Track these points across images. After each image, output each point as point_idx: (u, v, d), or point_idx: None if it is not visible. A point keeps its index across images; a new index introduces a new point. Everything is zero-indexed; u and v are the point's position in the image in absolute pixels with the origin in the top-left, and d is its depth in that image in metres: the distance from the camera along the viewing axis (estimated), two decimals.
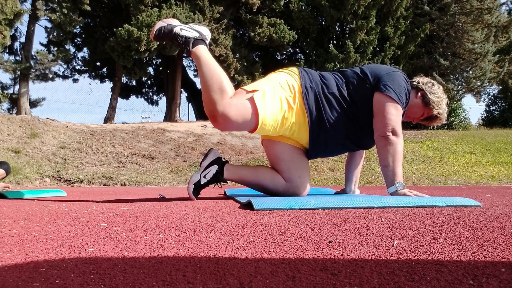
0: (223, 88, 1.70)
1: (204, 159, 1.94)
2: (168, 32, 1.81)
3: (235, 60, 10.82)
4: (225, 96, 1.69)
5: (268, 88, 1.77)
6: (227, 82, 1.73)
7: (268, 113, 1.72)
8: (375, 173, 5.89)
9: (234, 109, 1.68)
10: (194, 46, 1.79)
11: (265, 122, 1.72)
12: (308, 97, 1.78)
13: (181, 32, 1.80)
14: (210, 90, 1.69)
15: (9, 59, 10.39)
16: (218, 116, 1.68)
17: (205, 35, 1.86)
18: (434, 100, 1.90)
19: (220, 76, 1.73)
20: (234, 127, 1.74)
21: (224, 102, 1.68)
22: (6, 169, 2.75)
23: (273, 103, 1.74)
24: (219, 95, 1.68)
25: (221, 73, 1.75)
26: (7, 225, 1.06)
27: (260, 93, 1.73)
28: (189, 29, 1.83)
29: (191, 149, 7.35)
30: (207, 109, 1.72)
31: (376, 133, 1.79)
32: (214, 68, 1.75)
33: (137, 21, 9.15)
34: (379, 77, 1.82)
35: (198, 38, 1.81)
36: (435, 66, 11.95)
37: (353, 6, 11.02)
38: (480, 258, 0.62)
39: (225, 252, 0.69)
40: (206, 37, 1.86)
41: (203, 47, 1.81)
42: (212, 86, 1.70)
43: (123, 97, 13.81)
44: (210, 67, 1.75)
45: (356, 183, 2.19)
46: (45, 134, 7.00)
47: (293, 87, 1.79)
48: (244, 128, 1.76)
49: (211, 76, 1.72)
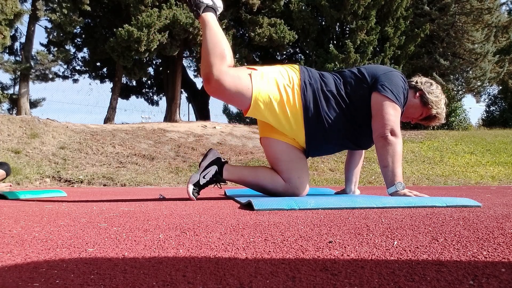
0: (223, 55, 1.73)
1: (204, 160, 1.94)
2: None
3: (235, 60, 10.81)
4: (224, 63, 1.72)
5: (267, 71, 1.81)
6: (228, 51, 1.76)
7: (263, 91, 1.74)
8: (375, 173, 5.89)
9: (230, 77, 1.70)
10: (204, 12, 1.82)
11: (259, 98, 1.73)
12: (306, 91, 1.79)
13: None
14: (210, 53, 1.72)
15: (9, 59, 10.40)
16: (212, 79, 1.70)
17: (218, 6, 1.89)
18: (433, 100, 1.90)
19: (223, 44, 1.76)
20: (225, 96, 1.77)
21: (221, 68, 1.70)
22: (7, 170, 2.76)
23: (270, 85, 1.77)
24: (219, 60, 1.71)
25: (225, 42, 1.78)
26: (7, 225, 1.06)
27: (258, 73, 1.78)
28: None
29: (191, 149, 7.35)
30: (203, 71, 1.74)
31: (375, 133, 1.79)
32: (219, 36, 1.78)
33: (137, 21, 9.15)
34: (376, 77, 1.82)
35: (210, 6, 1.84)
36: (435, 66, 11.95)
37: (353, 6, 11.02)
38: (480, 258, 0.62)
39: (225, 252, 0.69)
40: (218, 8, 1.89)
41: (212, 15, 1.84)
42: (213, 50, 1.72)
43: (123, 97, 13.81)
44: (216, 34, 1.78)
45: (356, 183, 2.19)
46: (45, 135, 7.00)
47: (292, 78, 1.82)
48: (236, 101, 1.78)
49: (214, 41, 1.75)
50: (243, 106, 1.78)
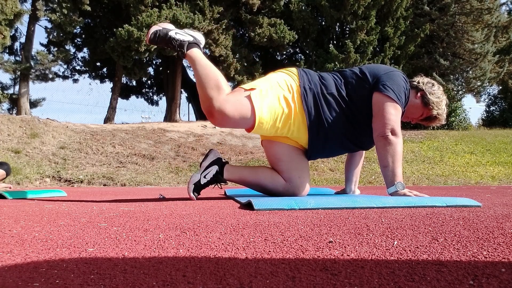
0: (219, 85, 1.72)
1: (204, 160, 1.94)
2: (164, 35, 1.84)
3: (235, 60, 10.83)
4: (222, 93, 1.71)
5: (265, 87, 1.78)
6: (223, 80, 1.76)
7: (265, 111, 1.73)
8: (375, 173, 5.89)
9: (231, 105, 1.70)
10: (189, 49, 1.83)
11: (262, 119, 1.73)
12: (307, 97, 1.79)
13: (176, 35, 1.84)
14: (206, 87, 1.72)
15: (9, 59, 10.41)
16: (214, 112, 1.69)
17: (199, 39, 1.89)
18: (434, 101, 1.90)
19: (216, 75, 1.76)
20: (231, 124, 1.76)
21: (220, 98, 1.70)
22: (7, 169, 2.76)
23: (271, 101, 1.75)
24: (216, 92, 1.71)
25: (217, 72, 1.78)
26: (7, 225, 1.06)
27: (257, 92, 1.75)
28: (183, 34, 1.86)
29: (191, 149, 7.35)
30: (204, 106, 1.74)
31: (375, 133, 1.79)
32: (210, 68, 1.78)
33: (137, 22, 9.16)
34: (378, 77, 1.81)
35: (193, 42, 1.85)
36: (435, 66, 11.95)
37: (353, 6, 11.02)
38: (480, 258, 0.62)
39: (225, 252, 0.69)
40: (200, 42, 1.89)
41: (197, 50, 1.85)
42: (208, 83, 1.72)
43: (123, 97, 13.82)
44: (206, 67, 1.78)
45: (356, 183, 2.19)
46: (45, 134, 7.00)
47: (291, 87, 1.80)
48: (241, 125, 1.77)
49: (206, 74, 1.75)
50: (247, 127, 1.79)
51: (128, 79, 13.67)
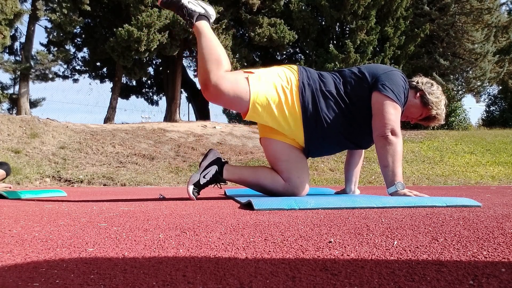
0: (219, 60, 1.74)
1: (204, 160, 1.94)
2: (176, 1, 1.85)
3: (235, 60, 10.83)
4: (221, 68, 1.73)
5: (265, 74, 1.81)
6: (224, 57, 1.78)
7: (261, 94, 1.74)
8: (375, 173, 5.89)
9: (227, 82, 1.71)
10: (198, 20, 1.84)
11: (257, 102, 1.74)
12: (305, 92, 1.79)
13: (188, 4, 1.85)
14: (206, 60, 1.73)
15: (9, 59, 10.41)
16: (210, 85, 1.70)
17: (210, 13, 1.91)
18: (433, 101, 1.90)
19: (218, 50, 1.78)
20: (224, 101, 1.77)
21: (218, 73, 1.71)
22: (7, 169, 2.75)
23: (268, 87, 1.77)
24: (215, 66, 1.72)
25: (220, 48, 1.80)
26: (7, 225, 1.06)
27: (255, 76, 1.78)
28: (196, 4, 1.88)
29: (191, 149, 7.35)
30: (200, 77, 1.75)
31: (375, 133, 1.79)
32: (214, 43, 1.79)
33: (137, 21, 9.15)
34: (377, 77, 1.81)
35: (203, 14, 1.86)
36: (435, 66, 11.95)
37: (353, 6, 11.02)
38: (480, 258, 0.62)
39: (225, 252, 0.69)
40: (211, 16, 1.91)
41: (206, 23, 1.86)
42: (209, 56, 1.74)
43: (123, 97, 13.82)
44: (210, 41, 1.79)
45: (356, 183, 2.19)
46: (45, 134, 7.00)
47: (290, 79, 1.82)
48: (235, 105, 1.78)
49: (209, 48, 1.77)
50: (241, 109, 1.78)
51: (128, 79, 13.67)
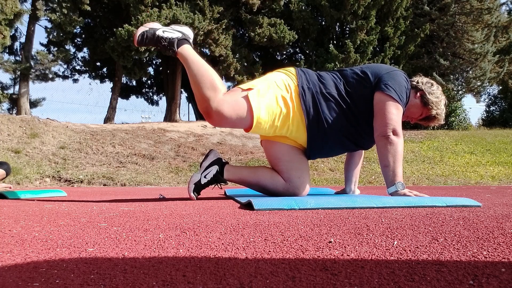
0: (215, 85, 1.71)
1: (205, 160, 1.94)
2: (151, 36, 1.81)
3: (235, 60, 10.82)
4: (218, 93, 1.70)
5: (263, 87, 1.78)
6: (217, 79, 1.75)
7: (263, 110, 1.73)
8: (375, 173, 5.89)
9: (228, 105, 1.69)
10: (179, 46, 1.80)
11: (260, 119, 1.73)
12: (305, 96, 1.78)
13: (164, 34, 1.81)
14: (202, 87, 1.71)
15: (9, 59, 10.41)
16: (212, 112, 1.69)
17: (187, 34, 1.86)
18: (433, 101, 1.90)
19: (210, 73, 1.75)
20: (229, 124, 1.75)
21: (217, 99, 1.69)
22: (7, 169, 2.75)
23: (269, 101, 1.74)
24: (212, 92, 1.70)
25: (211, 71, 1.77)
26: (7, 225, 1.06)
27: (255, 91, 1.74)
28: (171, 30, 1.83)
29: (191, 149, 7.35)
30: (201, 106, 1.73)
31: (377, 132, 1.78)
32: (203, 66, 1.76)
33: (137, 21, 9.15)
34: (379, 77, 1.81)
35: (182, 38, 1.82)
36: (435, 66, 11.95)
37: (353, 6, 11.02)
38: (480, 258, 0.62)
39: (225, 252, 0.69)
40: (189, 37, 1.86)
41: (188, 46, 1.82)
42: (203, 83, 1.71)
43: (123, 97, 13.82)
44: (199, 65, 1.76)
45: (355, 183, 2.19)
46: (45, 134, 7.00)
47: (289, 86, 1.80)
48: (239, 125, 1.76)
49: (201, 73, 1.74)
50: (245, 127, 1.78)
51: (128, 79, 13.67)
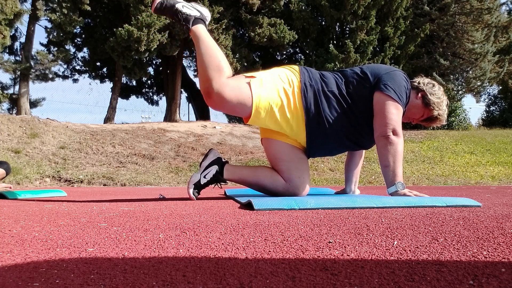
0: (220, 67, 1.71)
1: (204, 160, 1.94)
2: (170, 6, 1.81)
3: (235, 60, 10.82)
4: (223, 75, 1.70)
5: (266, 77, 1.79)
6: (225, 62, 1.75)
7: (263, 99, 1.73)
8: (375, 173, 5.89)
9: (230, 89, 1.69)
10: (194, 25, 1.80)
11: (259, 108, 1.72)
12: (307, 93, 1.78)
13: (183, 9, 1.81)
14: (207, 67, 1.71)
15: (9, 59, 10.40)
16: (213, 93, 1.69)
17: (205, 15, 1.87)
18: (435, 101, 1.90)
19: (218, 56, 1.75)
20: (227, 107, 1.75)
21: (220, 81, 1.69)
22: (6, 168, 2.75)
23: (270, 91, 1.75)
24: (217, 73, 1.70)
25: (220, 53, 1.77)
26: (7, 225, 1.06)
27: (257, 80, 1.76)
28: (190, 7, 1.84)
29: (191, 149, 7.35)
30: (202, 86, 1.73)
31: (377, 132, 1.78)
32: (213, 48, 1.77)
33: (137, 21, 9.15)
34: (379, 77, 1.81)
35: (199, 18, 1.82)
36: (435, 66, 11.95)
37: (353, 6, 11.02)
38: (480, 258, 0.62)
39: (225, 252, 0.69)
40: (206, 18, 1.87)
41: (203, 26, 1.83)
42: (210, 63, 1.71)
43: (123, 97, 13.81)
44: (209, 46, 1.76)
45: (356, 183, 2.19)
46: (45, 134, 7.00)
47: (292, 81, 1.80)
48: (238, 111, 1.76)
49: (209, 54, 1.74)
50: (244, 114, 1.77)
51: (128, 79, 13.66)
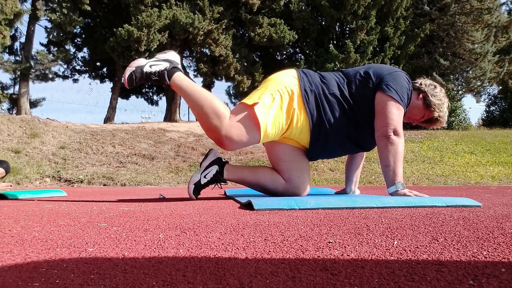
0: (218, 112, 1.71)
1: (204, 159, 1.94)
2: (140, 75, 1.76)
3: (235, 60, 10.83)
4: (224, 120, 1.70)
5: (267, 98, 1.76)
6: (218, 103, 1.74)
7: (269, 124, 1.74)
8: (375, 173, 5.90)
9: (236, 129, 1.70)
10: (170, 77, 1.77)
11: (267, 133, 1.75)
12: (309, 100, 1.78)
13: (152, 68, 1.77)
14: (207, 118, 1.71)
15: (9, 59, 10.41)
16: (223, 140, 1.71)
17: (175, 61, 1.83)
18: (436, 103, 1.90)
19: (210, 100, 1.73)
20: (241, 145, 1.78)
21: (225, 126, 1.70)
22: (6, 167, 2.76)
23: (275, 113, 1.75)
24: (218, 121, 1.70)
25: (209, 96, 1.76)
26: (7, 225, 1.06)
27: (260, 105, 1.73)
28: (157, 62, 1.80)
29: (191, 149, 7.35)
30: (210, 135, 1.75)
31: (378, 132, 1.79)
32: (201, 94, 1.75)
33: (137, 21, 9.16)
34: (381, 77, 1.81)
35: (171, 68, 1.78)
36: (435, 66, 11.95)
37: (353, 6, 11.02)
38: (480, 258, 0.62)
39: (225, 252, 0.69)
40: (177, 63, 1.83)
41: (179, 74, 1.79)
42: (207, 113, 1.71)
43: (123, 97, 13.81)
44: (196, 94, 1.75)
45: (356, 183, 2.19)
46: (45, 134, 7.00)
47: (292, 92, 1.78)
48: (250, 143, 1.78)
49: (201, 103, 1.73)
50: (256, 142, 1.80)
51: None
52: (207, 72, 10.92)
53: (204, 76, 11.12)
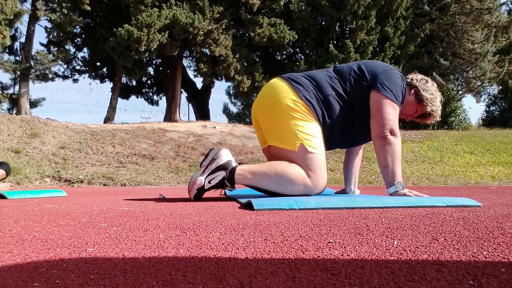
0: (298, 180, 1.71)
1: (205, 159, 1.91)
2: (203, 192, 1.79)
3: (235, 60, 10.82)
4: (306, 180, 1.72)
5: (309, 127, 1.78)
6: (292, 170, 1.72)
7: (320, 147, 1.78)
8: (375, 173, 5.89)
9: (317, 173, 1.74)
10: (233, 182, 1.75)
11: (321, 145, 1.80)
12: (314, 106, 1.80)
13: (211, 183, 1.76)
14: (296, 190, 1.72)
15: (9, 59, 10.40)
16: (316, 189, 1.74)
17: (228, 160, 1.78)
18: (428, 97, 1.89)
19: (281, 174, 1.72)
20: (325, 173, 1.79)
21: (313, 182, 1.72)
22: (7, 169, 2.76)
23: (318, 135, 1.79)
24: (304, 187, 1.72)
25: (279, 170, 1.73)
26: (7, 225, 1.06)
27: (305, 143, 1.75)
28: (213, 175, 1.76)
29: (191, 149, 7.35)
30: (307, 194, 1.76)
31: (374, 133, 1.78)
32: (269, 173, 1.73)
33: (137, 21, 9.15)
34: (376, 75, 1.81)
35: (229, 171, 1.75)
36: (435, 66, 11.95)
37: (353, 6, 11.02)
38: (480, 258, 0.62)
39: (225, 252, 0.69)
40: (230, 160, 1.79)
41: (237, 176, 1.75)
42: (294, 187, 1.71)
43: (123, 97, 13.81)
44: (260, 177, 1.74)
45: (355, 183, 2.19)
46: (45, 134, 7.00)
47: (302, 108, 1.79)
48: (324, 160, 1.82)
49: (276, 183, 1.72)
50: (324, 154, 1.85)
51: (128, 79, 13.66)
52: (207, 72, 10.92)
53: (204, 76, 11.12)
